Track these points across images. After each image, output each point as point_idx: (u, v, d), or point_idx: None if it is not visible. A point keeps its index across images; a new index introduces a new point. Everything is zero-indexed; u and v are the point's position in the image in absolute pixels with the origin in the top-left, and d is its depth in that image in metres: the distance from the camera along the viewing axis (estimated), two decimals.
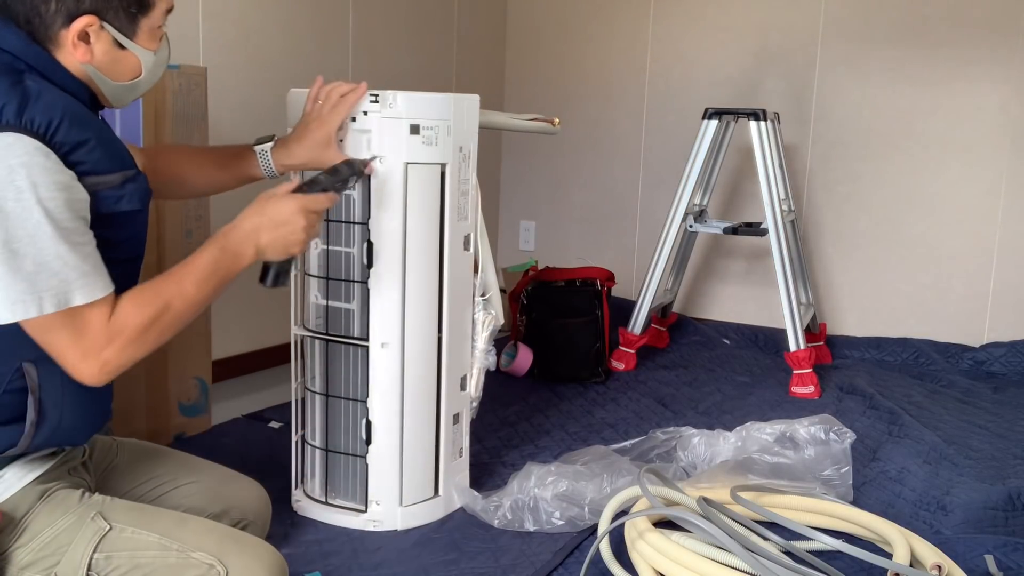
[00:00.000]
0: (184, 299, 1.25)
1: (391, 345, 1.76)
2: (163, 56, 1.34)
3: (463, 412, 1.92)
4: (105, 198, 1.20)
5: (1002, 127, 3.24)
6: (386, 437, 1.79)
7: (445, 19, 3.68)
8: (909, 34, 3.33)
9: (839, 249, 3.52)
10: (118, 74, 1.27)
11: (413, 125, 1.71)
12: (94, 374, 1.18)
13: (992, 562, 1.67)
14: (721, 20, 3.62)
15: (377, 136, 1.69)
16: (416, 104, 1.72)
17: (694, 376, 3.05)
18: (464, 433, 1.94)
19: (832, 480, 1.99)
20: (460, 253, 1.84)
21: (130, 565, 1.20)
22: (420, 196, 1.75)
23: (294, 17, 2.91)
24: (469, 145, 1.83)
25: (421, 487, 1.86)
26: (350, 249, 1.77)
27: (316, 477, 1.88)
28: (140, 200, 1.25)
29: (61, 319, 1.14)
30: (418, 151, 1.73)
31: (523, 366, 2.98)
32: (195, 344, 2.27)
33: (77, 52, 1.21)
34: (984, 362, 3.22)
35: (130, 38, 1.25)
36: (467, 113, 1.82)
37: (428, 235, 1.78)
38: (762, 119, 2.93)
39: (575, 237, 3.98)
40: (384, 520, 1.81)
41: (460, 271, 1.85)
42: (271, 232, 1.35)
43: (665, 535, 1.59)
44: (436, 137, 1.74)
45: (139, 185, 1.26)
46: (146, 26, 1.26)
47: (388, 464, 1.80)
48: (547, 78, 3.98)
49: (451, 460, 1.90)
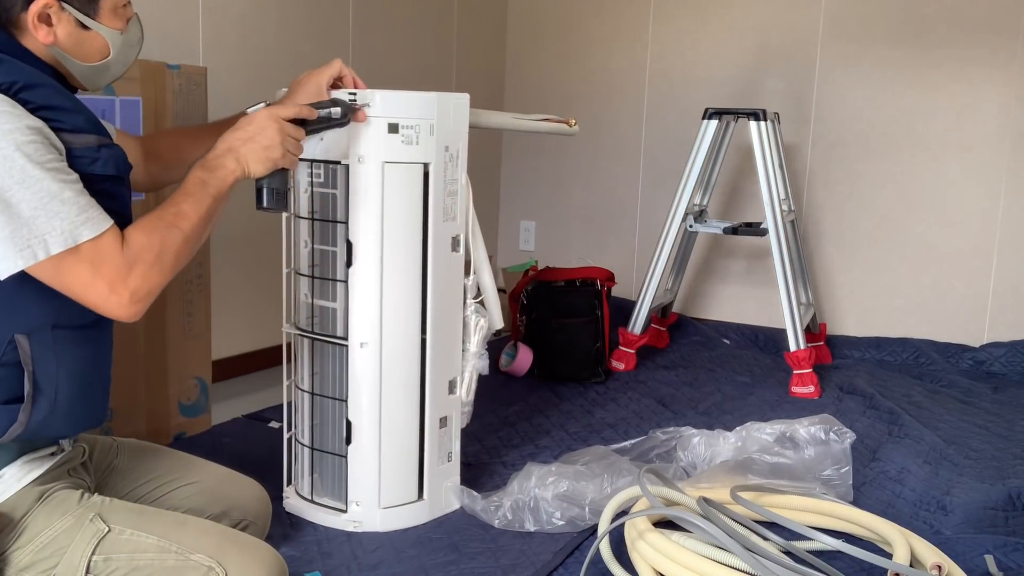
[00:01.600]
0: (186, 219, 1.27)
1: (370, 345, 1.75)
2: (133, 36, 1.33)
3: (452, 416, 1.89)
4: (79, 157, 1.19)
5: (1002, 127, 3.24)
6: (366, 437, 1.78)
7: (445, 19, 3.67)
8: (909, 34, 3.33)
9: (839, 249, 3.52)
10: (85, 55, 1.27)
11: (392, 124, 1.71)
12: (125, 304, 1.18)
13: (992, 562, 1.67)
14: (721, 20, 3.62)
15: (355, 134, 1.70)
16: (395, 103, 1.71)
17: (694, 376, 3.05)
18: (453, 437, 1.91)
19: (832, 480, 1.99)
20: (447, 254, 1.82)
21: (129, 567, 1.20)
22: (400, 195, 1.74)
23: (294, 17, 2.90)
24: (458, 145, 1.80)
25: (403, 490, 1.84)
26: (335, 248, 1.78)
27: (305, 476, 1.89)
28: (116, 167, 1.24)
29: (75, 256, 1.14)
30: (397, 150, 1.72)
31: (523, 366, 2.98)
32: (195, 344, 2.27)
33: (39, 34, 1.21)
34: (984, 362, 3.22)
35: (92, 17, 1.25)
36: (454, 112, 1.79)
37: (409, 235, 1.76)
38: (762, 119, 2.93)
39: (575, 237, 3.98)
40: (364, 521, 1.80)
41: (447, 273, 1.82)
42: (246, 144, 1.38)
43: (665, 535, 1.59)
44: (417, 136, 1.73)
45: (115, 152, 1.25)
46: (107, 5, 1.26)
47: (368, 465, 1.79)
48: (547, 78, 3.98)
49: (438, 464, 1.88)
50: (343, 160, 1.73)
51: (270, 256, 2.72)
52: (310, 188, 1.80)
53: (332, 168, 1.76)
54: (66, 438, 1.30)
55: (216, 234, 2.54)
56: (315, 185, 1.79)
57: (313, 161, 1.77)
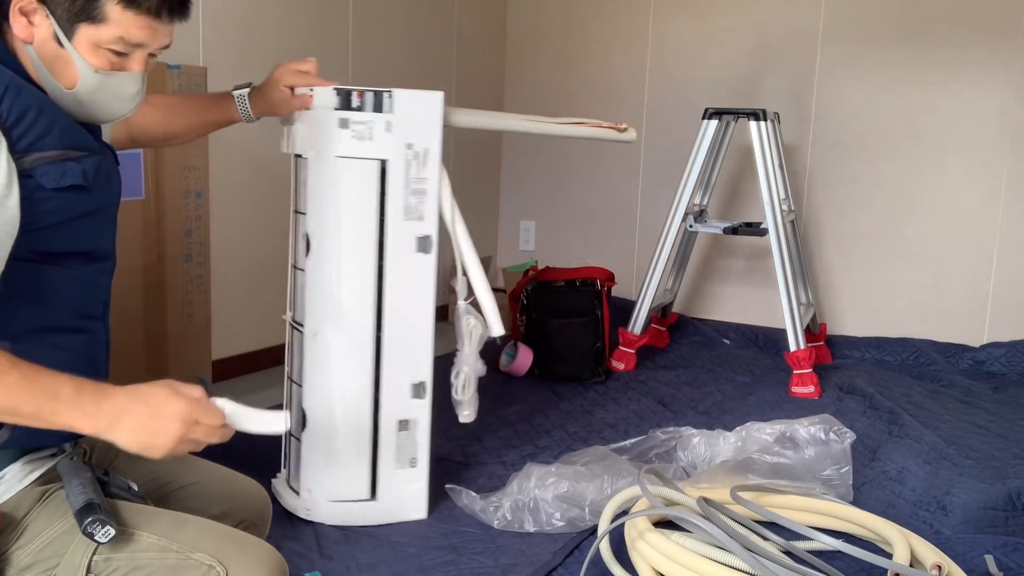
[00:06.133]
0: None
1: (321, 335, 1.79)
2: (120, 88, 1.21)
3: (417, 420, 1.85)
4: (45, 174, 1.14)
5: (1002, 127, 3.24)
6: (318, 427, 1.81)
7: (445, 19, 3.67)
8: (909, 34, 3.33)
9: (839, 249, 3.52)
10: (57, 73, 1.19)
11: (342, 119, 1.72)
12: None
13: (992, 562, 1.67)
14: (721, 20, 3.62)
15: (312, 129, 1.73)
16: (348, 98, 1.73)
17: (694, 376, 3.05)
18: (419, 443, 1.87)
19: (832, 480, 1.99)
20: (411, 255, 1.79)
21: (130, 566, 1.20)
22: (352, 191, 1.75)
23: (294, 17, 2.90)
24: (425, 143, 1.77)
25: (352, 487, 1.83)
26: None
27: (290, 462, 1.92)
28: (85, 176, 1.17)
29: None
30: (348, 145, 1.73)
31: (523, 366, 2.98)
32: (195, 344, 2.27)
33: (17, 26, 1.16)
34: (984, 362, 3.22)
35: (68, 37, 1.16)
36: (422, 110, 1.77)
37: (363, 231, 1.76)
38: (762, 119, 2.93)
39: (575, 237, 3.98)
40: (313, 510, 1.83)
41: (412, 274, 1.80)
42: (136, 420, 1.07)
43: (665, 535, 1.59)
44: (371, 132, 1.73)
45: (88, 167, 1.19)
46: (86, 36, 1.16)
47: (318, 454, 1.82)
48: (547, 78, 3.98)
49: (396, 468, 1.85)
50: (304, 154, 1.78)
51: (270, 256, 2.72)
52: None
53: (296, 161, 1.82)
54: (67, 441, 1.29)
55: (216, 234, 2.54)
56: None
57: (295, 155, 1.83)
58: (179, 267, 2.20)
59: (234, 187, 2.67)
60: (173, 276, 2.16)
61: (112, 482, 1.28)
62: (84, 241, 1.23)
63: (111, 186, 1.27)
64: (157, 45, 1.21)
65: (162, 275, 2.16)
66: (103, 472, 1.30)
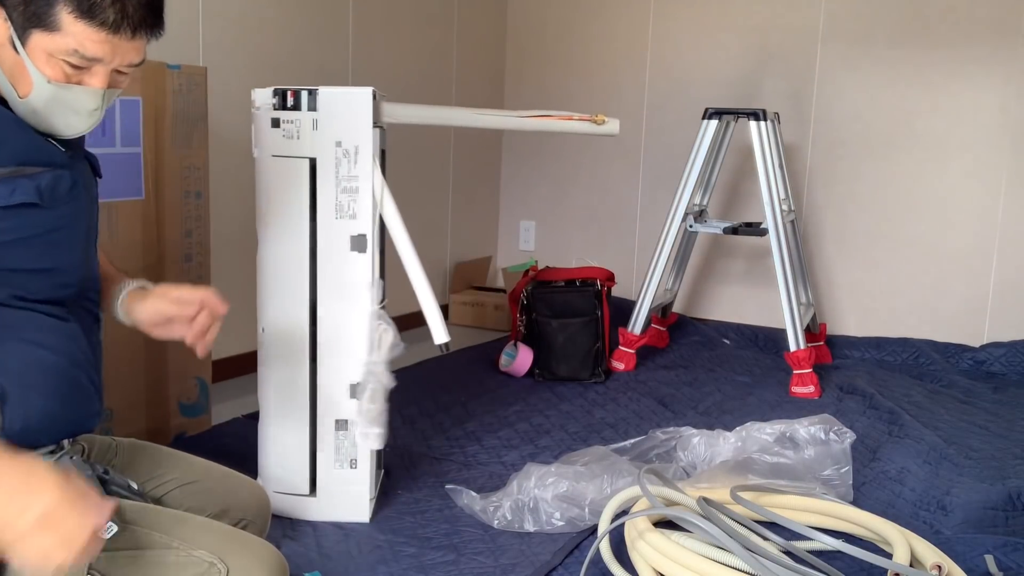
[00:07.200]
0: None
1: (267, 332, 1.84)
2: (70, 97, 1.14)
3: (356, 422, 1.82)
4: None
5: (1002, 127, 3.24)
6: (266, 419, 1.87)
7: (445, 19, 3.68)
8: (909, 34, 3.33)
9: (839, 249, 3.52)
10: (15, 79, 1.14)
11: (273, 119, 1.76)
12: None
13: (992, 562, 1.67)
14: (721, 20, 3.62)
15: (256, 128, 1.78)
16: (277, 97, 1.76)
17: (694, 376, 3.05)
18: (359, 446, 1.85)
19: (832, 480, 1.99)
20: (345, 253, 1.79)
21: (131, 563, 1.20)
22: (285, 189, 1.78)
23: (294, 17, 2.91)
24: (356, 141, 1.77)
25: (291, 480, 1.87)
26: None
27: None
28: (39, 193, 1.12)
29: None
30: (280, 144, 1.77)
31: (523, 366, 2.98)
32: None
33: None
34: (984, 362, 3.22)
35: (21, 43, 1.11)
36: (351, 108, 1.76)
37: (295, 230, 1.80)
38: (762, 119, 2.93)
39: (575, 237, 3.98)
40: None
41: (346, 273, 1.80)
42: (31, 524, 0.92)
43: (665, 535, 1.58)
44: (298, 131, 1.76)
45: (44, 183, 1.13)
46: (40, 43, 1.10)
47: (266, 444, 1.88)
48: (547, 78, 3.98)
49: (335, 467, 1.86)
50: (254, 154, 1.82)
51: None
52: None
53: (253, 160, 1.86)
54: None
55: (216, 234, 2.54)
56: None
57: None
58: (179, 267, 2.20)
59: (234, 187, 2.67)
60: (173, 276, 2.16)
61: (112, 480, 1.28)
62: (44, 259, 1.18)
63: (77, 202, 1.22)
64: (120, 62, 1.13)
65: (162, 275, 2.15)
66: (103, 470, 1.30)
